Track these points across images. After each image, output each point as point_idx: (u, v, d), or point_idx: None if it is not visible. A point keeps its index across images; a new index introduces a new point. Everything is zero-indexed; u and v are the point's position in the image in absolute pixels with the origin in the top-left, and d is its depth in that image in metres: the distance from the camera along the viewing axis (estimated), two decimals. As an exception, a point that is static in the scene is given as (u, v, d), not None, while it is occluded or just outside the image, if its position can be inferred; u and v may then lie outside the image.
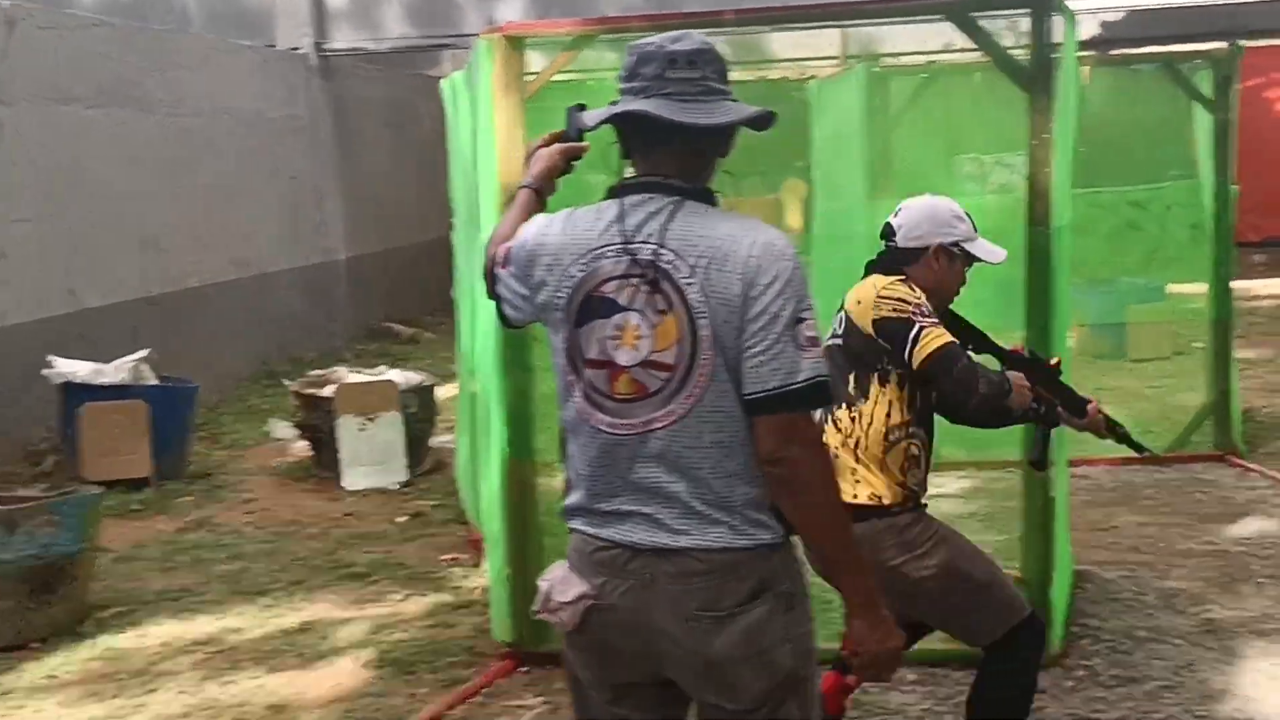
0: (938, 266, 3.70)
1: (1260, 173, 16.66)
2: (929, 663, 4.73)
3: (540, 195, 2.71)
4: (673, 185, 2.45)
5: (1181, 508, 6.73)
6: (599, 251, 2.44)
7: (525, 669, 4.83)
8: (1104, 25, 16.31)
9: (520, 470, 4.86)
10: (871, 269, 3.72)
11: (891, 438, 3.60)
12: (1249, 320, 12.35)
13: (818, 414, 2.99)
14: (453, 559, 6.25)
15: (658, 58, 2.43)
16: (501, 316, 2.67)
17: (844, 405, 3.63)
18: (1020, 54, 4.78)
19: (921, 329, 3.49)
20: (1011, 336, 4.33)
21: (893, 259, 3.69)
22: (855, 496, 3.55)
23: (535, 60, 5.13)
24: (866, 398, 3.61)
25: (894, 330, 3.52)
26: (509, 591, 4.82)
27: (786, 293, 2.35)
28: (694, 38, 2.46)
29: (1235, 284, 7.73)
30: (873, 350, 3.58)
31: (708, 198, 2.47)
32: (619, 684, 2.53)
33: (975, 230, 3.77)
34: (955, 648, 4.79)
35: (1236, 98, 7.61)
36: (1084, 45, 16.54)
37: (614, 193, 2.50)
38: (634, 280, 2.41)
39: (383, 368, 8.83)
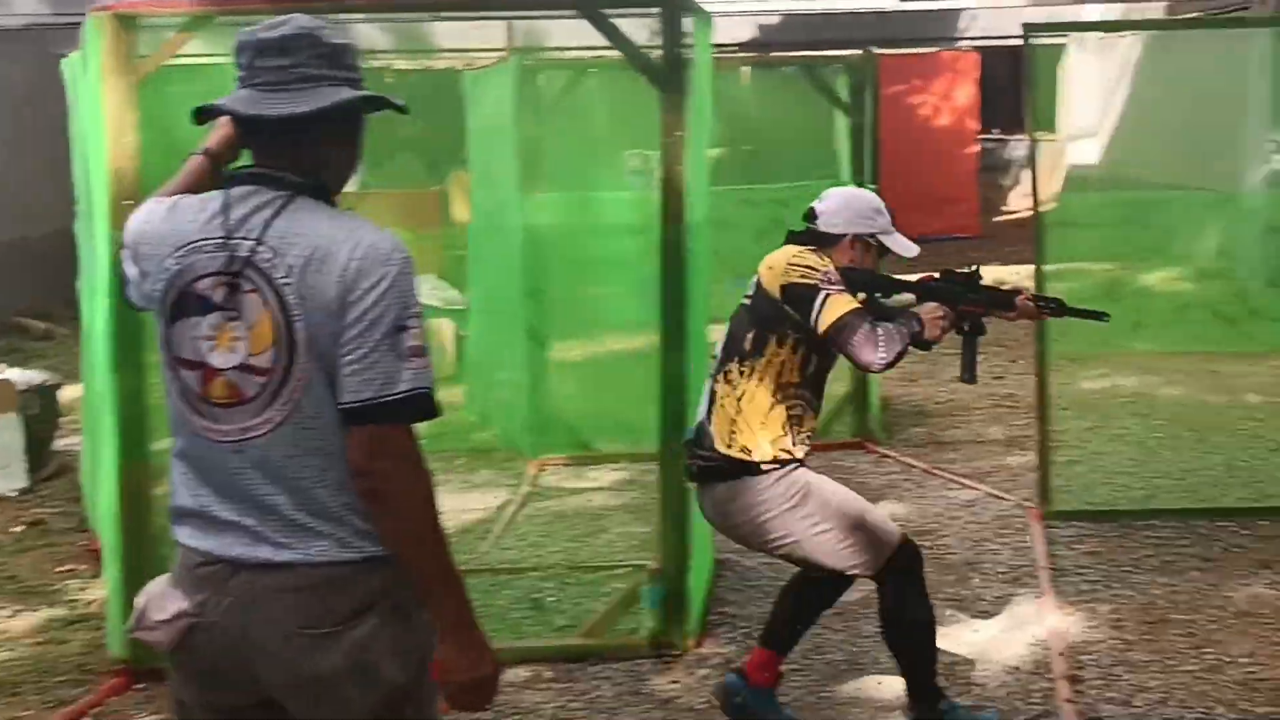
0: (853, 254, 3.96)
1: (903, 174, 17.51)
2: (564, 659, 4.73)
3: (216, 163, 2.53)
4: (283, 179, 2.32)
5: (820, 494, 6.97)
6: (197, 245, 2.31)
7: (141, 686, 4.57)
8: (760, 29, 16.86)
9: (135, 476, 4.58)
10: (791, 240, 3.97)
11: (778, 396, 3.84)
12: (892, 313, 12.98)
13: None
14: (69, 570, 5.88)
15: (250, 46, 2.33)
16: (125, 298, 2.51)
17: (738, 360, 3.88)
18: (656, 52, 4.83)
19: (827, 296, 3.71)
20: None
21: (811, 239, 3.94)
22: (730, 447, 3.84)
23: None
24: (762, 356, 3.85)
25: (800, 296, 3.75)
26: (124, 604, 4.54)
27: (388, 299, 2.24)
28: (293, 23, 2.33)
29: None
30: (777, 313, 3.82)
31: (321, 193, 2.35)
32: (222, 706, 2.40)
33: (893, 224, 4.04)
34: (589, 643, 4.84)
35: (872, 101, 7.88)
36: (742, 47, 17.09)
37: (224, 183, 2.37)
38: (229, 278, 2.27)
39: (1, 366, 8.24)
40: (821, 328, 3.72)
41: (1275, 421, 7.99)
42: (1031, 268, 13.79)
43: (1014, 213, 19.01)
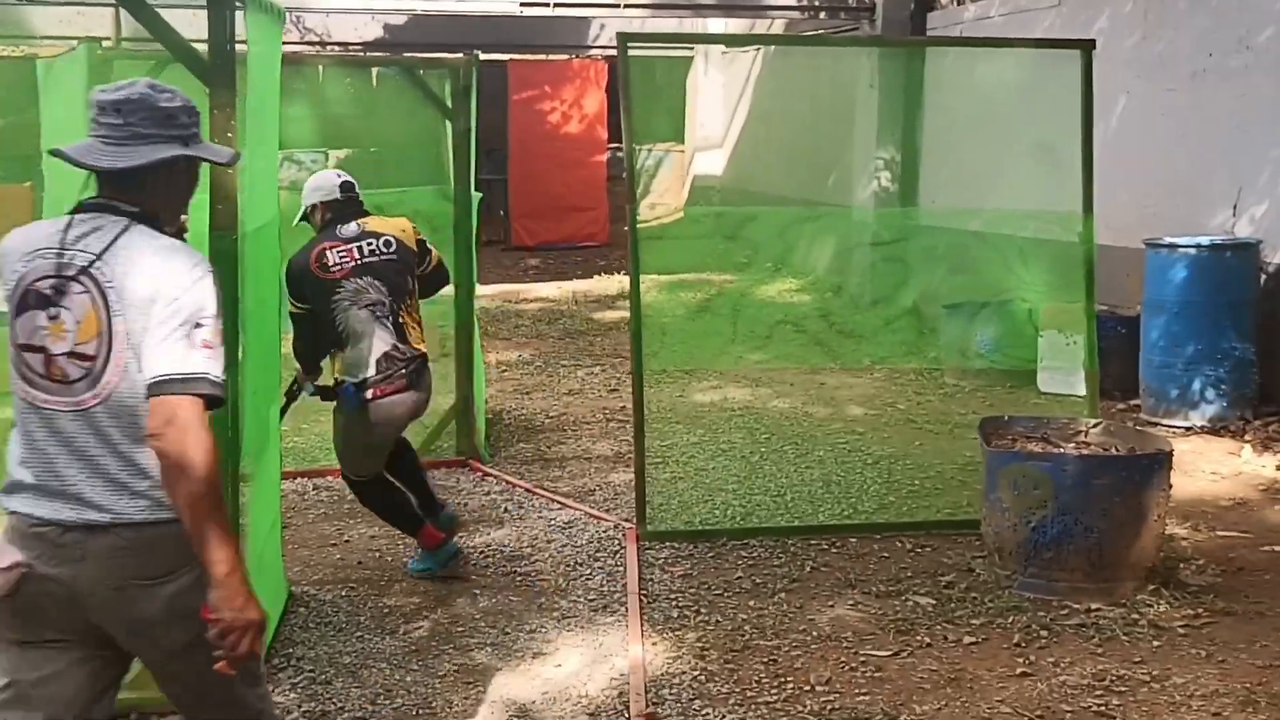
0: None
1: (533, 181, 17.42)
2: None
3: None
4: (119, 208, 2.90)
5: (414, 518, 6.61)
6: (39, 253, 2.88)
7: None
8: (388, 29, 16.39)
9: None
10: (358, 213, 5.65)
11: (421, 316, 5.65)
12: (515, 323, 12.75)
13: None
14: None
15: (94, 104, 2.90)
16: None
17: (408, 299, 5.50)
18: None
19: (428, 244, 5.79)
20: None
21: (361, 207, 5.72)
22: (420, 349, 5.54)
23: None
24: (414, 293, 5.58)
25: (424, 246, 5.72)
26: None
27: (184, 302, 2.80)
28: (134, 88, 2.90)
29: (505, 287, 7.65)
30: (413, 261, 5.60)
31: (152, 222, 2.92)
32: (38, 640, 2.87)
33: None
34: (132, 697, 4.31)
35: (476, 106, 7.56)
36: (368, 47, 16.57)
37: (74, 209, 2.94)
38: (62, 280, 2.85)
39: None
40: (434, 264, 5.73)
41: (873, 435, 8.15)
42: (657, 278, 13.89)
43: (644, 221, 19.19)
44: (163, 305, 2.78)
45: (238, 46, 4.32)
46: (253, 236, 4.46)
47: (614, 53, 18.12)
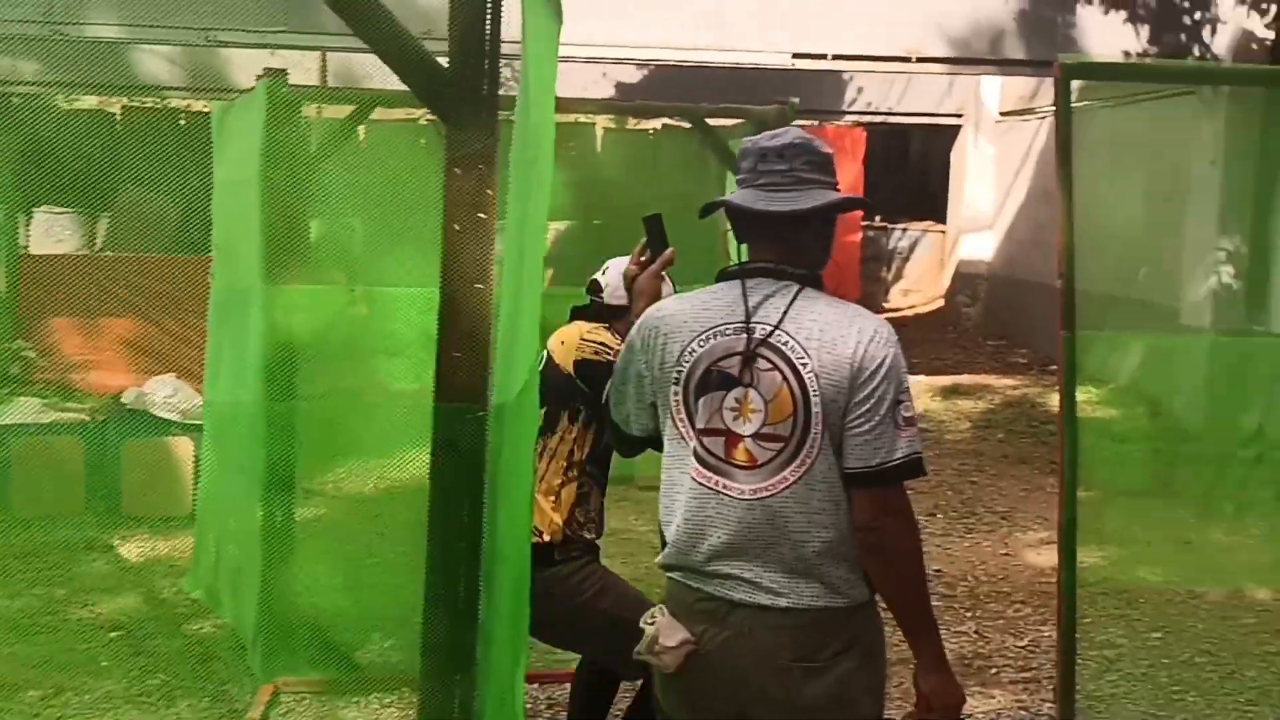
0: None
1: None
2: None
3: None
4: (784, 270, 2.78)
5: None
6: (717, 329, 2.78)
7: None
8: (618, 88, 14.60)
9: None
10: (577, 316, 4.02)
11: (570, 473, 3.84)
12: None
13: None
14: None
15: (753, 153, 2.82)
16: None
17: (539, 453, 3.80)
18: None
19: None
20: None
21: (598, 313, 4.00)
22: None
23: None
24: (554, 432, 3.82)
25: (594, 372, 3.75)
26: None
27: (889, 378, 2.66)
28: (790, 134, 2.82)
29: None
30: (569, 388, 3.83)
31: (817, 283, 2.79)
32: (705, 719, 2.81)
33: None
34: None
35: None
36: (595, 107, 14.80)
37: (729, 276, 2.84)
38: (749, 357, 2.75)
39: None
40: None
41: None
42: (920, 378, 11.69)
43: (895, 310, 16.99)
44: (867, 386, 2.65)
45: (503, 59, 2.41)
46: (510, 410, 2.47)
47: (872, 119, 15.97)
